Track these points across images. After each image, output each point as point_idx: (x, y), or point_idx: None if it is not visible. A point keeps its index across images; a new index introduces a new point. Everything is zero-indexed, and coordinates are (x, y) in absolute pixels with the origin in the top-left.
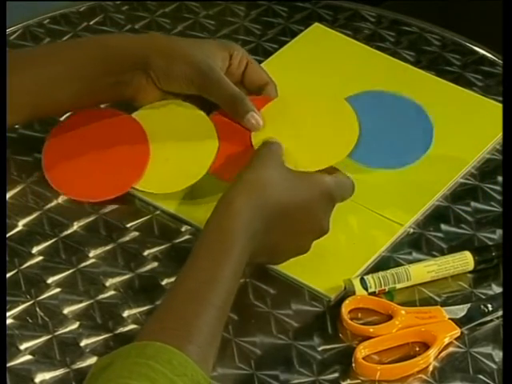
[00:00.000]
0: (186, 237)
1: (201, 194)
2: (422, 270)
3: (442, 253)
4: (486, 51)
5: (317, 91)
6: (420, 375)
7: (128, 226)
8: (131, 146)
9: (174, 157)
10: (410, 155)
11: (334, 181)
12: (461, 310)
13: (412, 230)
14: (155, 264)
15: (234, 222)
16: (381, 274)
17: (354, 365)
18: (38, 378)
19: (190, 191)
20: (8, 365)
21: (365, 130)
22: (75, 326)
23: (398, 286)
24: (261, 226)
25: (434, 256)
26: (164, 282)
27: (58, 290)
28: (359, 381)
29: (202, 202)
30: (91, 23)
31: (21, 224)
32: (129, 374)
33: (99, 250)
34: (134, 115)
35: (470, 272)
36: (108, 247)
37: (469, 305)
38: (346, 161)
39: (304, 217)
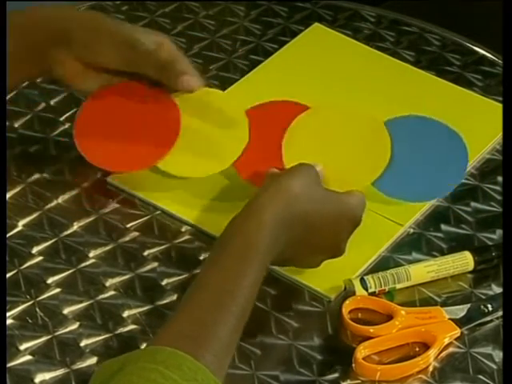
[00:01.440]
0: (186, 237)
1: (201, 194)
2: (422, 270)
3: (442, 253)
4: (486, 51)
5: (356, 108)
6: (420, 375)
7: (128, 226)
8: (162, 124)
9: (202, 144)
10: (436, 192)
11: (361, 204)
12: (461, 311)
13: (412, 230)
14: (155, 264)
15: (261, 233)
16: (381, 274)
17: (354, 365)
18: (38, 378)
19: (190, 191)
20: (8, 365)
21: (395, 158)
22: (75, 326)
23: (398, 286)
24: (285, 238)
25: (434, 256)
26: (164, 282)
27: (57, 290)
28: (359, 381)
29: (202, 203)
30: None
31: (21, 224)
32: (137, 380)
33: (99, 250)
34: (175, 95)
35: (469, 272)
36: (108, 247)
37: (469, 305)
38: (369, 188)
39: (327, 236)
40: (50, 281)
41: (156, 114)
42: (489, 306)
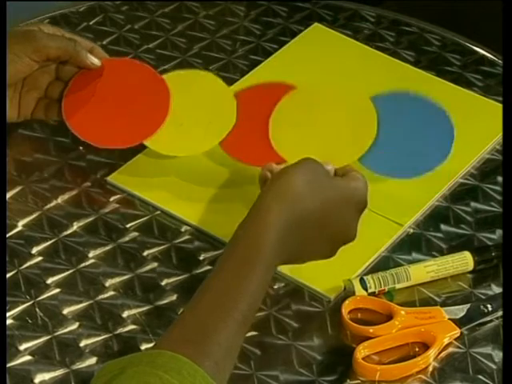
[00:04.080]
0: (186, 237)
1: (201, 194)
2: (422, 270)
3: (442, 253)
4: (486, 51)
5: (342, 86)
6: (420, 375)
7: (128, 226)
8: (152, 102)
9: (189, 123)
10: (422, 167)
11: (365, 187)
12: (460, 311)
13: (412, 230)
14: (155, 264)
15: (265, 235)
16: (380, 274)
17: (353, 365)
18: (38, 378)
19: (190, 192)
20: (8, 365)
21: (382, 135)
22: (75, 326)
23: (398, 286)
24: (295, 238)
25: (434, 256)
26: (164, 282)
27: (57, 290)
28: (359, 381)
29: (202, 203)
30: (91, 23)
31: (21, 224)
32: None
33: (99, 251)
34: (166, 76)
35: (469, 272)
36: (108, 247)
37: (468, 305)
38: (356, 166)
39: (337, 225)
40: (49, 281)
41: (146, 93)
42: (488, 306)
